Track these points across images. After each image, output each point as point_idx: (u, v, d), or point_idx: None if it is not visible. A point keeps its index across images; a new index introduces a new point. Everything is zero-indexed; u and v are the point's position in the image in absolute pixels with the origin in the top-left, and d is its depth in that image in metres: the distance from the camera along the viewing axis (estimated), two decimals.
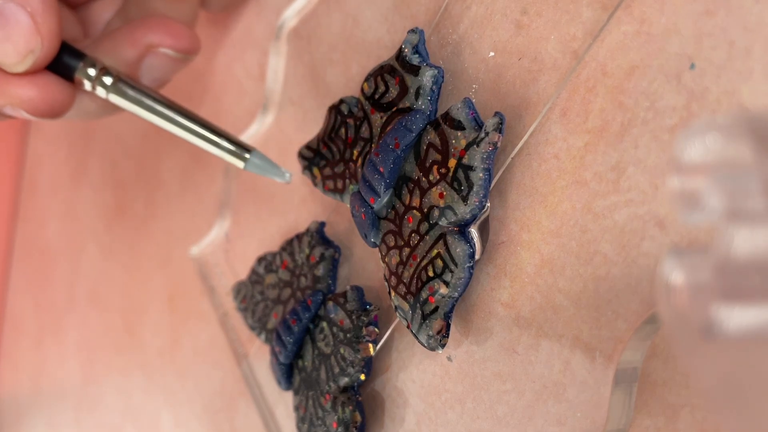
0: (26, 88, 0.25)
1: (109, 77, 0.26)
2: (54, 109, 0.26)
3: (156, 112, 0.27)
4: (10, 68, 0.25)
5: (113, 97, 0.27)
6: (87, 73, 0.26)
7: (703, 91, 0.15)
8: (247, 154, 0.26)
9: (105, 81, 0.26)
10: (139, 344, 0.43)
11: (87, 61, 0.26)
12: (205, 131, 0.26)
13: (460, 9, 0.21)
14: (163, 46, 0.28)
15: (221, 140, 0.26)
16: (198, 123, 0.26)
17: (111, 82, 0.26)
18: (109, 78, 0.26)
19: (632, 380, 0.17)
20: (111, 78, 0.26)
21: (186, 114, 0.26)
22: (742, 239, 0.10)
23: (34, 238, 0.61)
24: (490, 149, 0.18)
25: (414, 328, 0.20)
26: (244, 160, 0.26)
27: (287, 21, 0.29)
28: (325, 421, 0.24)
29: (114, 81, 0.26)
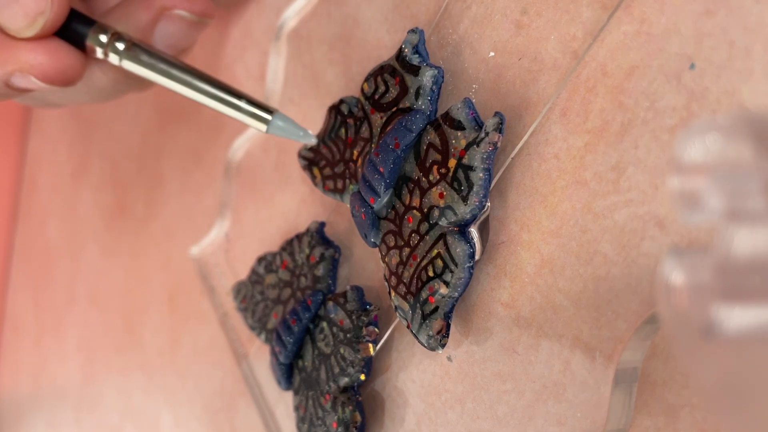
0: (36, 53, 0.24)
1: (121, 43, 0.25)
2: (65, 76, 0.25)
3: (172, 77, 0.25)
4: (18, 33, 0.24)
5: (127, 63, 0.25)
6: (98, 40, 0.25)
7: (703, 91, 0.15)
8: (269, 116, 0.24)
9: (118, 47, 0.25)
10: (139, 344, 0.43)
11: (97, 28, 0.25)
12: (225, 94, 0.25)
13: (460, 9, 0.21)
14: (177, 7, 0.27)
15: (242, 102, 0.25)
16: (216, 86, 0.25)
17: (124, 48, 0.25)
18: (122, 43, 0.25)
19: (632, 380, 0.17)
20: (124, 43, 0.25)
21: (204, 77, 0.25)
22: (742, 239, 0.10)
23: (34, 237, 0.61)
24: (490, 149, 0.18)
25: (414, 328, 0.20)
26: (267, 123, 0.25)
27: (287, 21, 0.29)
28: (325, 421, 0.24)
29: (127, 46, 0.25)
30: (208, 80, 0.25)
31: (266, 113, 0.24)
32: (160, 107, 0.42)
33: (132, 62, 0.25)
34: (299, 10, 0.29)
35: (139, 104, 0.44)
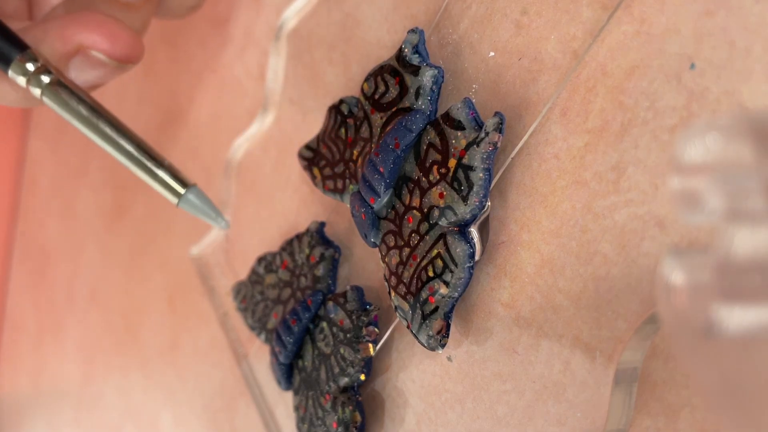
0: None
1: (47, 76, 0.24)
2: None
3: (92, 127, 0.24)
4: None
5: (47, 100, 0.24)
6: (23, 68, 0.24)
7: (703, 91, 0.15)
8: (183, 190, 0.23)
9: (42, 80, 0.24)
10: (139, 344, 0.43)
11: (27, 55, 0.24)
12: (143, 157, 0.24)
13: (460, 9, 0.21)
14: (95, 48, 0.25)
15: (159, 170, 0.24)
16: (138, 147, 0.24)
17: (48, 83, 0.24)
18: (48, 77, 0.24)
19: (632, 380, 0.17)
20: (49, 78, 0.24)
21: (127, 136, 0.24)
22: (742, 239, 0.10)
23: (34, 238, 0.61)
24: (490, 149, 0.18)
25: (414, 328, 0.20)
26: (178, 196, 0.24)
27: (287, 21, 0.29)
28: (325, 421, 0.24)
29: (51, 82, 0.24)
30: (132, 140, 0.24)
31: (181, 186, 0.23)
32: (160, 107, 0.42)
33: (52, 101, 0.24)
34: (299, 10, 0.29)
35: (139, 104, 0.44)
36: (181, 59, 0.39)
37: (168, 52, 0.40)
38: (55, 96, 0.24)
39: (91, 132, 0.24)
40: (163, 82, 0.41)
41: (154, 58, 0.42)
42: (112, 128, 0.24)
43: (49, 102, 0.24)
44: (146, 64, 0.43)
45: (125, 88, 0.46)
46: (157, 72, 0.42)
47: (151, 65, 0.42)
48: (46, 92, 0.24)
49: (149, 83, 0.43)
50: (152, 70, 0.42)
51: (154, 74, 0.42)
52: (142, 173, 0.24)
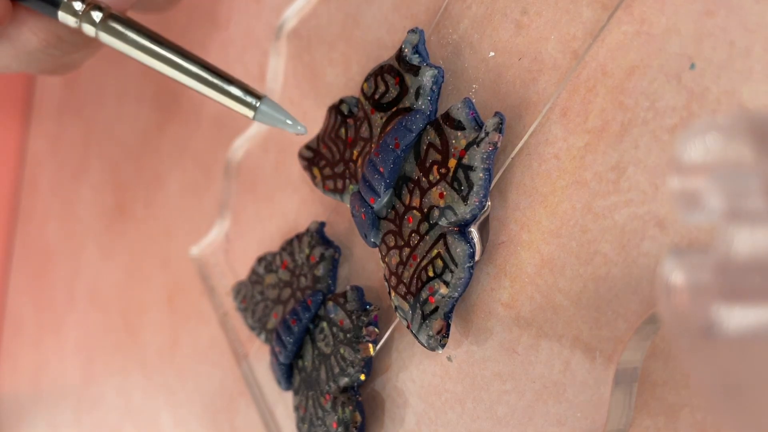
0: None
1: (98, 12, 0.23)
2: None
3: (152, 53, 0.23)
4: None
5: (103, 35, 0.24)
6: (72, 8, 0.23)
7: (703, 91, 0.15)
8: (257, 102, 0.23)
9: (93, 17, 0.23)
10: (139, 344, 0.43)
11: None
12: (209, 75, 0.23)
13: (460, 9, 0.21)
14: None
15: (227, 85, 0.23)
16: (201, 66, 0.23)
17: (100, 18, 0.23)
18: (99, 13, 0.23)
19: (632, 380, 0.17)
20: (101, 13, 0.24)
21: (187, 56, 0.23)
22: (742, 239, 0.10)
23: (34, 238, 0.61)
24: (490, 149, 0.18)
25: (414, 328, 0.20)
26: (254, 109, 0.23)
27: (287, 21, 0.29)
28: (325, 421, 0.24)
29: (104, 16, 0.23)
30: (193, 60, 0.23)
31: (255, 99, 0.23)
32: (160, 107, 0.42)
33: (109, 35, 0.24)
34: (299, 10, 0.29)
35: (139, 104, 0.44)
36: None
37: None
38: (112, 30, 0.24)
39: (154, 59, 0.24)
40: (163, 82, 0.41)
41: None
42: (174, 53, 0.23)
43: (107, 37, 0.24)
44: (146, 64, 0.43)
45: (125, 88, 0.46)
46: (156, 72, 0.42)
47: None
48: (102, 27, 0.24)
49: (149, 83, 0.43)
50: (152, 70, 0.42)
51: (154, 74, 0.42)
52: (213, 92, 0.23)
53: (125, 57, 0.25)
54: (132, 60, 0.25)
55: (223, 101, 0.23)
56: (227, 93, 0.23)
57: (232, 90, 0.23)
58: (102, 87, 0.50)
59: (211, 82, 0.23)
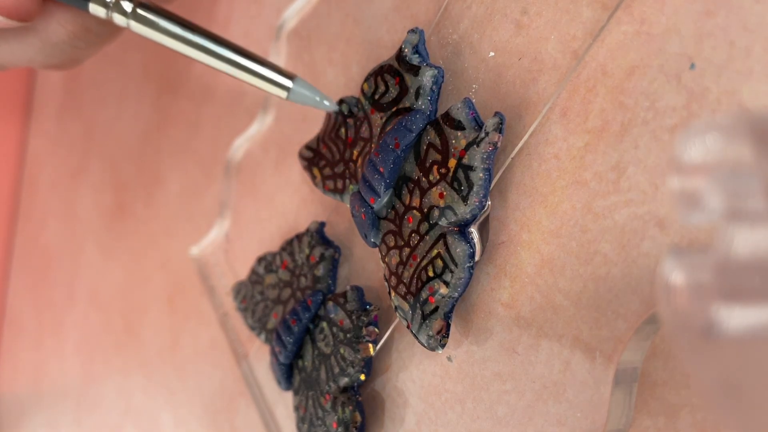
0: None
1: (128, 2, 0.24)
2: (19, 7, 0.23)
3: (184, 41, 0.24)
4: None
5: (135, 25, 0.24)
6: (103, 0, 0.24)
7: (703, 91, 0.15)
8: (290, 83, 0.23)
9: (124, 7, 0.24)
10: (139, 344, 0.43)
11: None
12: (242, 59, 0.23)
13: (460, 9, 0.21)
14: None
15: (260, 68, 0.23)
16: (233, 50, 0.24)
17: (131, 8, 0.24)
18: (129, 3, 0.24)
19: (632, 380, 0.17)
20: (131, 3, 0.24)
21: (219, 41, 0.24)
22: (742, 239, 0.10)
23: (34, 237, 0.61)
24: (490, 149, 0.18)
25: (414, 328, 0.20)
26: (287, 90, 0.23)
27: (287, 21, 0.29)
28: (325, 421, 0.24)
29: (135, 6, 0.24)
30: (226, 45, 0.24)
31: (287, 79, 0.23)
32: (160, 107, 0.42)
33: (141, 24, 0.24)
34: (299, 10, 0.29)
35: (139, 104, 0.44)
36: (180, 59, 0.39)
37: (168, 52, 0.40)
38: (143, 19, 0.24)
39: (187, 47, 0.24)
40: (163, 82, 0.41)
41: (154, 58, 0.42)
42: (206, 39, 0.24)
43: (139, 26, 0.24)
44: (146, 64, 0.43)
45: (125, 88, 0.46)
46: (157, 72, 0.42)
47: (150, 65, 0.42)
48: (133, 16, 0.24)
49: (149, 83, 0.43)
50: (152, 70, 0.42)
51: (154, 74, 0.42)
52: (247, 75, 0.24)
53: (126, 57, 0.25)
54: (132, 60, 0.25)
55: (256, 83, 0.23)
56: (260, 75, 0.23)
57: (265, 72, 0.23)
58: (102, 87, 0.50)
59: (244, 66, 0.23)
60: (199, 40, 0.24)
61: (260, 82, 0.24)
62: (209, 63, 0.24)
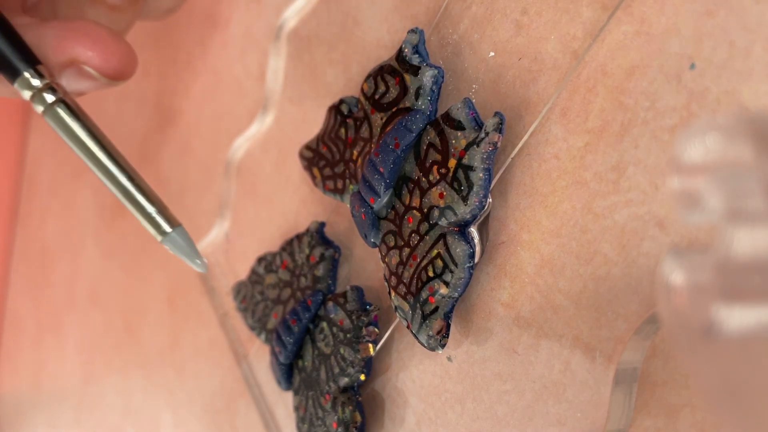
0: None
1: (51, 95, 0.24)
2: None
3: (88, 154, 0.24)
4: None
5: (48, 119, 0.24)
6: (29, 83, 0.24)
7: (703, 91, 0.15)
8: (169, 228, 0.24)
9: (46, 98, 0.24)
10: (139, 344, 0.43)
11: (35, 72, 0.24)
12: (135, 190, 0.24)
13: (460, 9, 0.21)
14: (89, 64, 0.25)
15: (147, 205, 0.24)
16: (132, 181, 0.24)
17: (51, 102, 0.24)
18: (52, 96, 0.24)
19: (632, 380, 0.17)
20: (54, 97, 0.24)
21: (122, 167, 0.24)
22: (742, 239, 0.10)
23: (34, 237, 0.61)
24: (490, 149, 0.18)
25: (414, 328, 0.20)
26: (164, 234, 0.24)
27: (287, 21, 0.29)
28: (325, 422, 0.24)
29: (55, 102, 0.24)
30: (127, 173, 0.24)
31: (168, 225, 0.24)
32: (160, 107, 0.42)
33: (52, 121, 0.24)
34: (299, 10, 0.29)
35: (139, 104, 0.44)
36: (181, 59, 0.39)
37: (168, 52, 0.40)
38: (56, 116, 0.24)
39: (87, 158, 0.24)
40: (163, 82, 0.41)
41: (154, 59, 0.42)
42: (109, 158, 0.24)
43: (50, 121, 0.24)
44: (146, 65, 0.43)
45: (125, 88, 0.46)
46: (157, 72, 0.42)
47: (151, 65, 0.42)
48: (48, 112, 0.24)
49: (149, 83, 0.43)
50: (152, 71, 0.42)
51: (154, 74, 0.42)
52: (130, 206, 0.24)
53: None
54: None
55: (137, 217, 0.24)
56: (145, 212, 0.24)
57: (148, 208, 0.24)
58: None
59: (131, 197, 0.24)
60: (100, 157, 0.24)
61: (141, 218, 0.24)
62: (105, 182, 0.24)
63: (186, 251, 0.24)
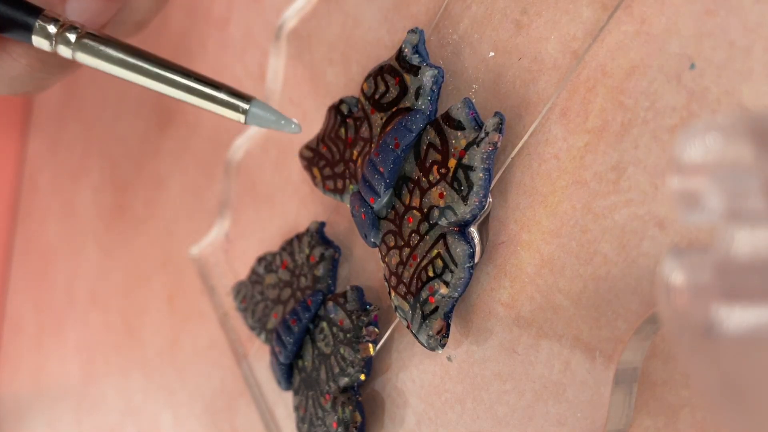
0: None
1: (72, 33, 0.23)
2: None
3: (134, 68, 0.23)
4: None
5: (81, 55, 0.23)
6: (46, 31, 0.22)
7: (703, 91, 0.15)
8: (246, 105, 0.22)
9: (69, 37, 0.23)
10: (139, 344, 0.43)
11: (45, 17, 0.23)
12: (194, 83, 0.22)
13: (460, 9, 0.21)
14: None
15: (214, 91, 0.22)
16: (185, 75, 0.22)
17: (75, 38, 0.23)
18: (73, 34, 0.23)
19: (632, 380, 0.17)
20: (75, 34, 0.23)
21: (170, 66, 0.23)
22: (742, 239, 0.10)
23: (34, 238, 0.61)
24: (490, 149, 0.18)
25: (414, 328, 0.20)
26: (244, 113, 0.22)
27: (287, 21, 0.29)
28: (325, 421, 0.24)
29: (79, 36, 0.23)
30: (178, 70, 0.23)
31: (244, 101, 0.22)
32: (160, 107, 0.42)
33: (86, 53, 0.23)
34: (299, 10, 0.29)
35: (139, 104, 0.44)
36: (181, 59, 0.39)
37: (168, 52, 0.40)
38: (88, 48, 0.23)
39: (138, 74, 0.23)
40: None
41: None
42: (157, 65, 0.23)
43: (84, 57, 0.23)
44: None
45: (126, 88, 0.46)
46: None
47: None
48: (78, 47, 0.23)
49: None
50: None
51: None
52: (202, 101, 0.22)
53: None
54: None
55: (211, 108, 0.22)
56: (215, 99, 0.22)
57: (219, 95, 0.22)
58: (102, 87, 0.50)
59: (197, 90, 0.22)
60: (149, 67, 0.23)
61: (215, 106, 0.22)
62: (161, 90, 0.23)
63: (272, 119, 0.22)
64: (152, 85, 0.23)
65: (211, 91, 0.22)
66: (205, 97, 0.22)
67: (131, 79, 0.23)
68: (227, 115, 0.22)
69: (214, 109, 0.22)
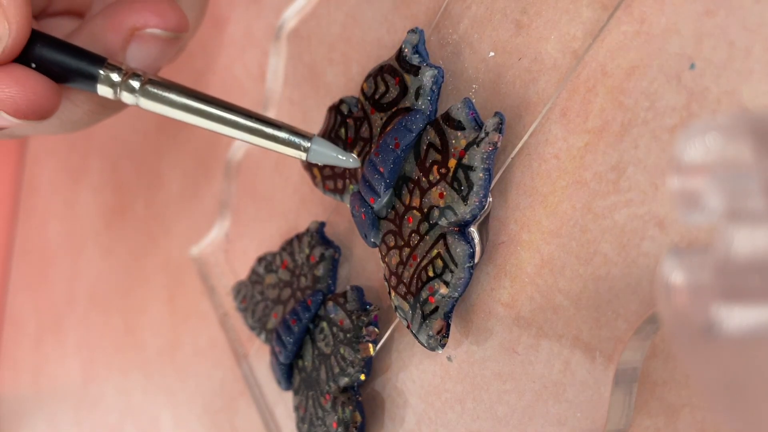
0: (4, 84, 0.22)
1: (137, 81, 0.23)
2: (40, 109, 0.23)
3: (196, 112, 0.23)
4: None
5: (145, 102, 0.23)
6: (110, 79, 0.23)
7: (703, 91, 0.15)
8: (308, 143, 0.22)
9: (133, 85, 0.23)
10: (139, 344, 0.43)
11: (108, 66, 0.23)
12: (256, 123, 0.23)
13: (460, 9, 0.21)
14: (149, 26, 0.24)
15: (276, 131, 0.22)
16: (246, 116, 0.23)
17: (139, 86, 0.23)
18: (137, 81, 0.23)
19: (632, 380, 0.17)
20: (139, 81, 0.23)
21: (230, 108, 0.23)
22: (742, 239, 0.10)
23: (34, 238, 0.61)
24: (490, 149, 0.18)
25: (414, 328, 0.20)
26: (306, 150, 0.22)
27: (287, 21, 0.29)
28: (325, 421, 0.24)
29: (143, 83, 0.23)
30: (239, 111, 0.23)
31: (304, 140, 0.22)
32: None
33: (151, 101, 0.23)
34: (299, 10, 0.29)
35: None
36: (181, 59, 0.39)
37: None
38: (152, 95, 0.23)
39: (200, 117, 0.23)
40: None
41: None
42: (219, 108, 0.23)
43: (148, 103, 0.23)
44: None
45: None
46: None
47: None
48: (142, 94, 0.23)
49: None
50: None
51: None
52: (264, 141, 0.23)
53: None
54: None
55: (273, 148, 0.23)
56: (277, 139, 0.23)
57: (281, 135, 0.23)
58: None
59: (259, 131, 0.23)
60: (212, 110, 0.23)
61: (277, 146, 0.23)
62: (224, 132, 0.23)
63: (332, 156, 0.22)
64: (215, 127, 0.23)
65: (273, 131, 0.22)
66: (268, 138, 0.23)
67: (193, 122, 0.23)
68: (289, 153, 0.23)
69: (276, 148, 0.23)
